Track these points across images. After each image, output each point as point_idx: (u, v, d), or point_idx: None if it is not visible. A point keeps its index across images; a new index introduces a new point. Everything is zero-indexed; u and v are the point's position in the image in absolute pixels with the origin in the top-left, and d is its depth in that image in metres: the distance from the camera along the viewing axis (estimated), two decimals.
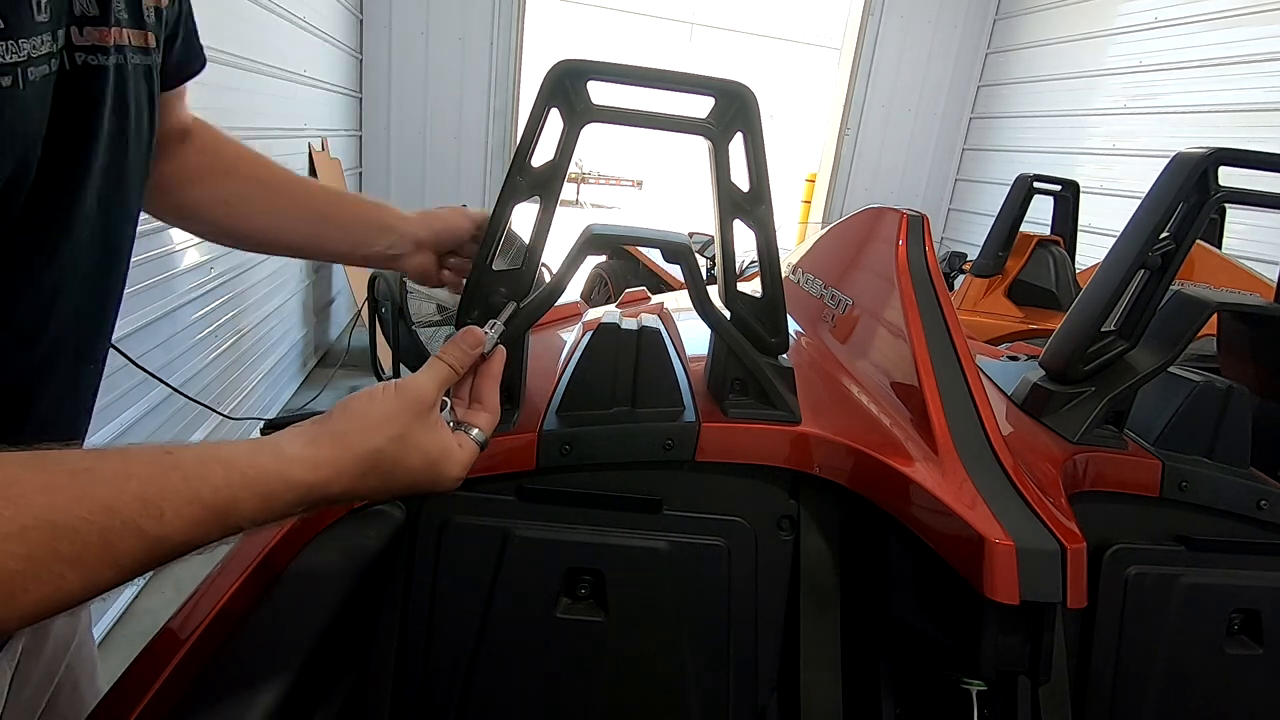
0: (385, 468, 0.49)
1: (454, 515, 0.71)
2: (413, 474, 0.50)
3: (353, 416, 0.49)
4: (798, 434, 0.71)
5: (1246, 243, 3.25)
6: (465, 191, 4.98)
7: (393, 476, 0.49)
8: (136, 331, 1.91)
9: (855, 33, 5.43)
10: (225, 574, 0.62)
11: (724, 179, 0.66)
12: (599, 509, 0.72)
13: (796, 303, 1.10)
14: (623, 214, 13.75)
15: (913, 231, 0.85)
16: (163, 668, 0.52)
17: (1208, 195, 0.80)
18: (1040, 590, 0.54)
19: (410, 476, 0.50)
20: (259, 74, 2.93)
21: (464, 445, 0.54)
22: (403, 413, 0.50)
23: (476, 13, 4.75)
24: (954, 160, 5.85)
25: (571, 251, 0.68)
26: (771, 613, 0.75)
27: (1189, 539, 0.80)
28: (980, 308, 2.75)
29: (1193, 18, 3.87)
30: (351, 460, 0.47)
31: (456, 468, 0.53)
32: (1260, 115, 3.47)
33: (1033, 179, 2.75)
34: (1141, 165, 4.11)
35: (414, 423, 0.50)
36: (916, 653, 0.68)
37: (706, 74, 0.64)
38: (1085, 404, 0.84)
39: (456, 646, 0.72)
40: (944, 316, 0.78)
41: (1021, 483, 0.63)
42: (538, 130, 0.63)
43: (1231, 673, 0.80)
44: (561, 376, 0.78)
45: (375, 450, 0.48)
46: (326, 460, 0.46)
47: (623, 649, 0.73)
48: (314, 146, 3.71)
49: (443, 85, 4.85)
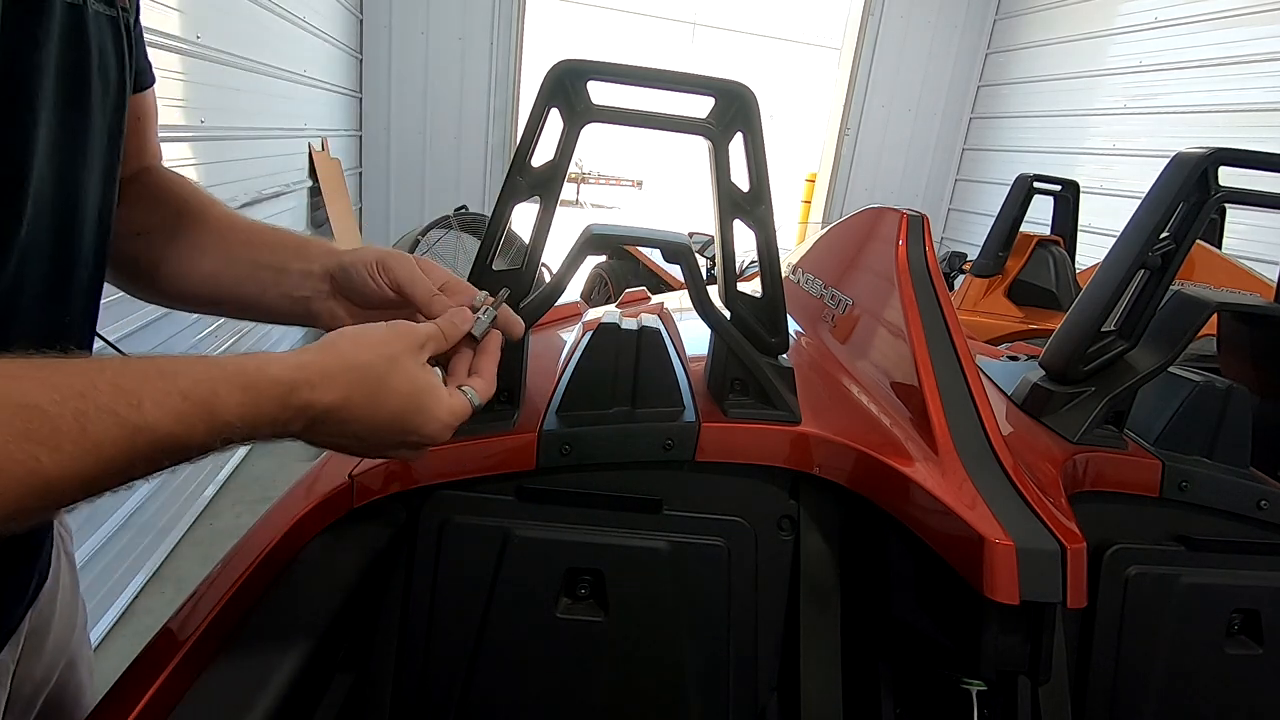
0: (371, 384, 0.48)
1: (454, 515, 0.71)
2: (399, 399, 0.49)
3: (343, 334, 0.50)
4: (798, 434, 0.71)
5: (1246, 243, 3.26)
6: (465, 192, 4.98)
7: (379, 396, 0.48)
8: (137, 331, 1.91)
9: (855, 33, 5.43)
10: (225, 573, 0.62)
11: (724, 179, 0.66)
12: (599, 509, 0.72)
13: (796, 303, 1.11)
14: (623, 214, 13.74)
15: (913, 231, 0.85)
16: (163, 668, 0.52)
17: (1208, 195, 0.80)
18: (1040, 590, 0.54)
19: (397, 402, 0.49)
20: (259, 74, 2.93)
21: (455, 395, 0.54)
22: (395, 339, 0.50)
23: (476, 13, 4.75)
24: (954, 160, 5.85)
25: (571, 251, 0.68)
26: (771, 613, 0.75)
27: (1189, 539, 0.80)
28: (980, 308, 2.75)
29: (1193, 18, 3.87)
30: (339, 366, 0.47)
31: (445, 412, 0.52)
32: (1260, 115, 3.47)
33: (1033, 179, 2.75)
34: (1141, 165, 4.11)
35: (405, 351, 0.50)
36: (916, 653, 0.68)
37: (706, 74, 0.64)
38: (1085, 404, 0.84)
39: (456, 646, 0.72)
40: (944, 316, 0.78)
41: (1021, 483, 0.63)
42: (538, 130, 0.63)
43: (1231, 673, 0.80)
44: (561, 376, 0.78)
45: (364, 364, 0.48)
46: (311, 362, 0.46)
47: (623, 649, 0.73)
48: (314, 146, 3.71)
49: (443, 85, 4.85)
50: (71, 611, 0.69)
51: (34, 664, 0.63)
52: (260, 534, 0.66)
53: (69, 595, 0.69)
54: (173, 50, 2.18)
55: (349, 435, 0.49)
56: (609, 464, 0.71)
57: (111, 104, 0.52)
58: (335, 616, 0.60)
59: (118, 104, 0.53)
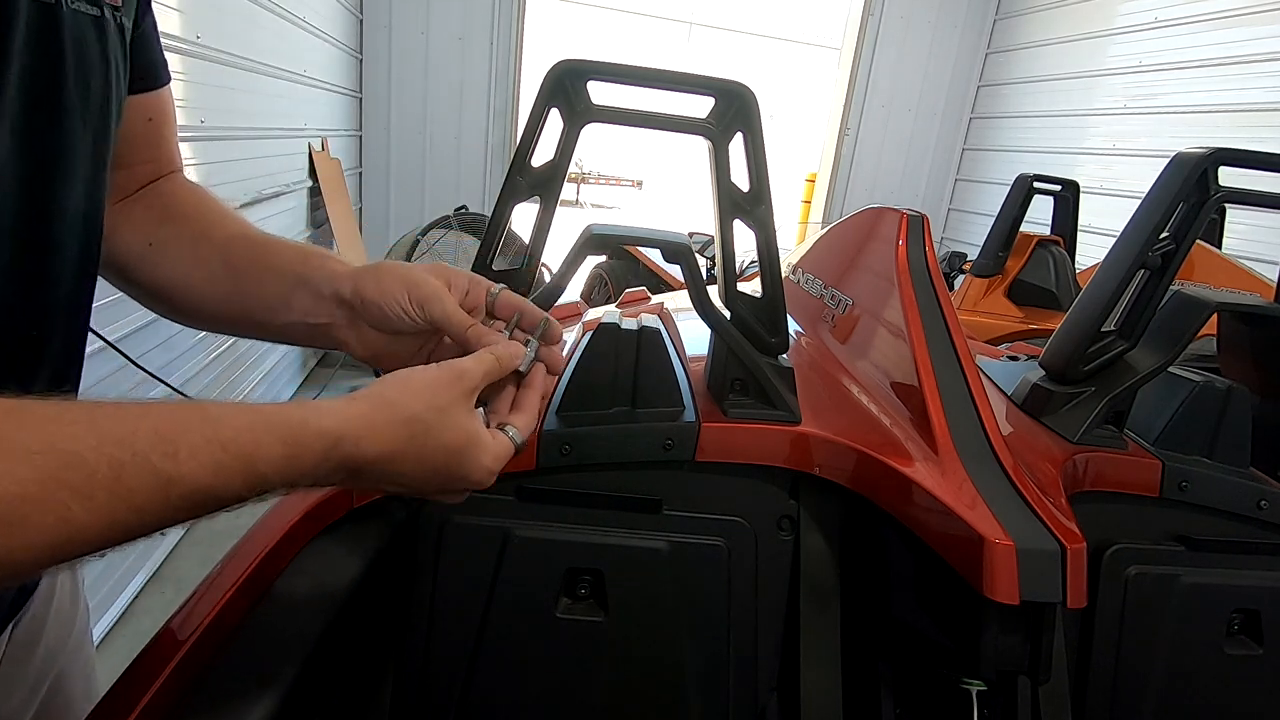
0: (420, 437, 0.46)
1: (454, 515, 0.71)
2: (445, 452, 0.48)
3: (392, 380, 0.48)
4: (798, 434, 0.71)
5: (1246, 243, 3.26)
6: (465, 192, 4.98)
7: (426, 450, 0.47)
8: (136, 331, 1.91)
9: (855, 33, 5.43)
10: (225, 573, 0.62)
11: (724, 179, 0.66)
12: (599, 509, 0.72)
13: (796, 303, 1.11)
14: (623, 214, 13.74)
15: (913, 231, 0.85)
16: (163, 668, 0.52)
17: (1208, 195, 0.80)
18: (1040, 590, 0.54)
19: (442, 455, 0.48)
20: (259, 74, 2.93)
21: (497, 438, 0.52)
22: (446, 385, 0.48)
23: (476, 13, 4.75)
24: (954, 160, 5.85)
25: (571, 251, 0.68)
26: (771, 612, 0.75)
27: (1189, 539, 0.80)
28: (980, 308, 2.75)
29: (1193, 18, 3.87)
30: (387, 418, 0.45)
31: (490, 458, 0.50)
32: (1260, 115, 3.47)
33: (1033, 179, 2.75)
34: (1141, 165, 4.11)
35: (456, 398, 0.48)
36: (916, 653, 0.68)
37: (706, 74, 0.64)
38: (1085, 404, 0.84)
39: (456, 646, 0.72)
40: (944, 316, 0.78)
41: (1021, 483, 0.63)
42: (538, 130, 0.63)
43: (1231, 673, 0.80)
44: (561, 376, 0.78)
45: (413, 416, 0.46)
46: (359, 414, 0.44)
47: (623, 649, 0.73)
48: (314, 146, 3.71)
49: (443, 85, 4.85)
50: (69, 617, 0.68)
51: (21, 672, 0.61)
52: (260, 534, 0.66)
53: (67, 601, 0.67)
54: (173, 50, 2.19)
55: (391, 483, 0.48)
56: (609, 464, 0.71)
57: (96, 107, 0.50)
58: (335, 617, 0.60)
59: (103, 108, 0.51)
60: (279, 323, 0.60)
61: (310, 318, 0.59)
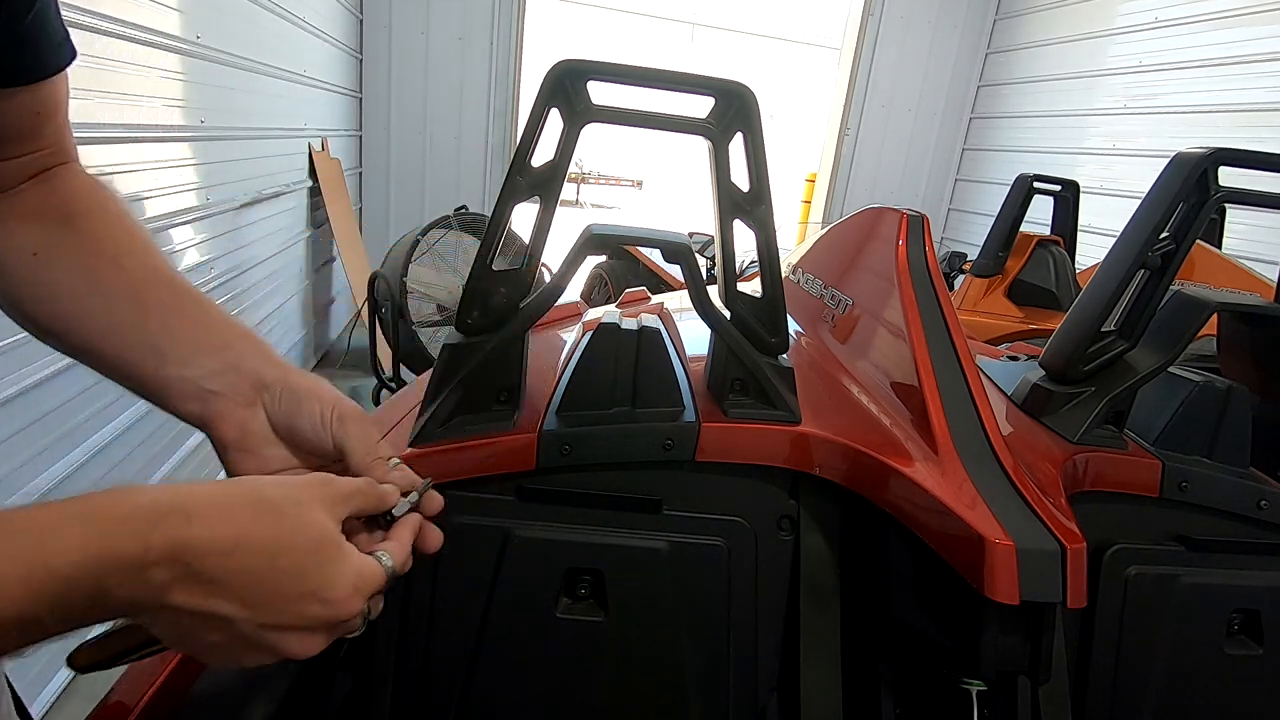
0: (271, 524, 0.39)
1: (454, 515, 0.71)
2: (303, 549, 0.40)
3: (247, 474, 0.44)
4: (798, 434, 0.71)
5: (1246, 243, 3.26)
6: (465, 192, 4.98)
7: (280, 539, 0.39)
8: None
9: (855, 33, 5.44)
10: None
11: (724, 179, 0.66)
12: (599, 509, 0.72)
13: (796, 303, 1.11)
14: (623, 214, 13.75)
15: (913, 231, 0.85)
16: (162, 668, 0.52)
17: (1208, 195, 0.80)
18: (1040, 590, 0.54)
19: (300, 552, 0.40)
20: (259, 74, 2.93)
21: (366, 559, 0.44)
22: (307, 484, 0.43)
23: (476, 13, 4.76)
24: (954, 160, 5.86)
25: (571, 251, 0.68)
26: (771, 613, 0.75)
27: (1189, 539, 0.80)
28: (980, 308, 2.75)
29: (1193, 18, 3.87)
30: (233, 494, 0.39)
31: (354, 574, 0.42)
32: (1260, 115, 3.47)
33: (1033, 179, 2.76)
34: (1141, 165, 4.12)
35: (317, 498, 0.42)
36: (916, 653, 0.68)
37: (706, 74, 0.64)
38: (1085, 404, 0.84)
39: (456, 646, 0.72)
40: (944, 316, 0.78)
41: (1021, 483, 0.63)
42: (538, 130, 0.63)
43: (1231, 673, 0.80)
44: (561, 376, 0.78)
45: (264, 497, 0.39)
46: (196, 489, 0.37)
47: (623, 649, 0.73)
48: (314, 146, 3.72)
49: (443, 85, 4.85)
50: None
51: None
52: None
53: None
54: (173, 50, 2.19)
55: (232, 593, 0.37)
56: (609, 464, 0.71)
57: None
58: None
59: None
60: (167, 374, 0.51)
61: (208, 382, 0.50)
